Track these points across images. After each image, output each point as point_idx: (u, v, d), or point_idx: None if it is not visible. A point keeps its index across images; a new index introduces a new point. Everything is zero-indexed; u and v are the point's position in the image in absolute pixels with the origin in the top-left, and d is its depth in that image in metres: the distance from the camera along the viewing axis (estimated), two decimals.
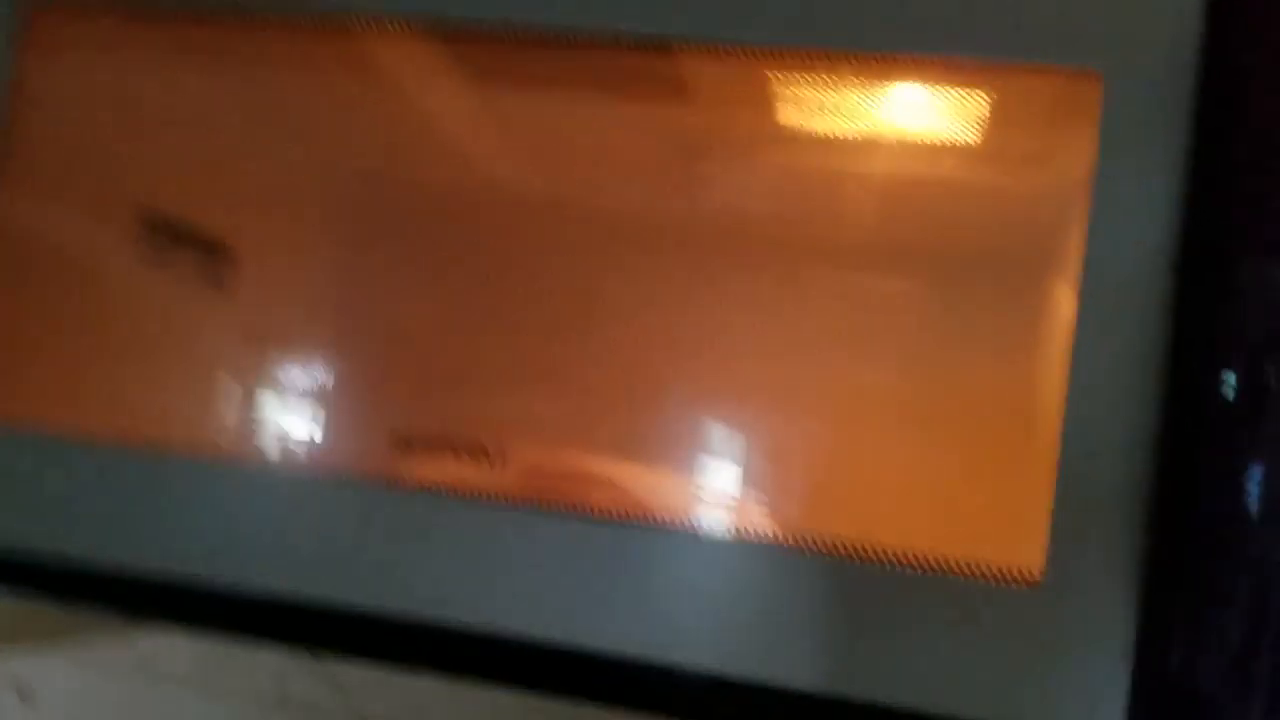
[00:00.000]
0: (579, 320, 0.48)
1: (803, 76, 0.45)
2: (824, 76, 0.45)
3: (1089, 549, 0.38)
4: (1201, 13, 0.39)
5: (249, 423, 0.51)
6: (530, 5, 0.45)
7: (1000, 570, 0.39)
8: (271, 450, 0.50)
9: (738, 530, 0.42)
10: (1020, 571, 0.39)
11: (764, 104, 0.47)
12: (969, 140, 0.46)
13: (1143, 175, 0.39)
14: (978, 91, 0.44)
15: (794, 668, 0.40)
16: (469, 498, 0.44)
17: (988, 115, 0.44)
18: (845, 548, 0.40)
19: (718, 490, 0.45)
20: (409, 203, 0.51)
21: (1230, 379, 0.35)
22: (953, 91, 0.45)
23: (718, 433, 0.46)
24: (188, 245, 0.51)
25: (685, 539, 0.42)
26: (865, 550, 0.40)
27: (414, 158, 0.51)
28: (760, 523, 0.43)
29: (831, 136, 0.47)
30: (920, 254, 0.46)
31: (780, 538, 0.42)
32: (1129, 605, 0.38)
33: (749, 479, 0.45)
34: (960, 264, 0.45)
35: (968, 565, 0.39)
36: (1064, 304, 0.40)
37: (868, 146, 0.47)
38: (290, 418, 0.49)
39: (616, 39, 0.45)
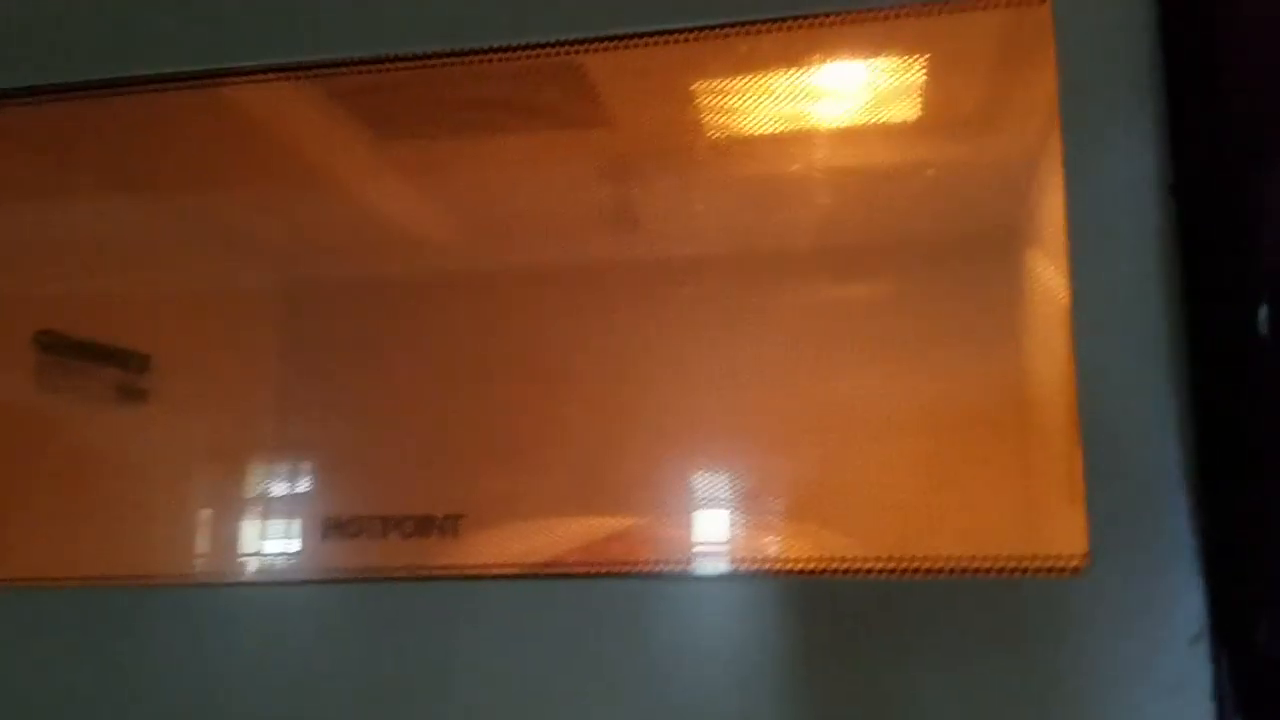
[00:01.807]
0: (531, 379, 0.44)
1: (729, 74, 0.42)
2: (749, 67, 0.42)
3: (1134, 527, 0.34)
4: None
5: (209, 540, 0.46)
6: (429, 34, 0.42)
7: (1043, 563, 0.35)
8: (226, 563, 0.46)
9: (753, 566, 0.38)
10: (1064, 561, 0.35)
11: (692, 112, 0.43)
12: (915, 115, 0.42)
13: (1113, 106, 0.36)
14: (916, 55, 0.40)
15: (835, 698, 0.36)
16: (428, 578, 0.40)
17: (931, 80, 0.41)
18: (878, 567, 0.36)
19: (721, 532, 0.41)
20: (336, 286, 0.47)
21: (1263, 313, 0.31)
22: (889, 60, 0.41)
23: (718, 473, 0.42)
24: (100, 361, 0.47)
25: (695, 584, 0.39)
26: (900, 566, 0.36)
27: (334, 239, 0.47)
28: (746, 555, 0.40)
29: (767, 136, 0.43)
30: (883, 250, 0.42)
31: (800, 567, 0.38)
32: (1193, 581, 0.34)
33: (750, 514, 0.41)
34: (927, 253, 0.41)
35: (1007, 563, 0.35)
36: (1052, 273, 0.36)
37: (806, 142, 0.43)
38: (232, 526, 0.45)
39: (529, 51, 0.41)
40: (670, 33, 0.40)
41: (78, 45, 0.45)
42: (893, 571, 0.37)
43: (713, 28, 0.40)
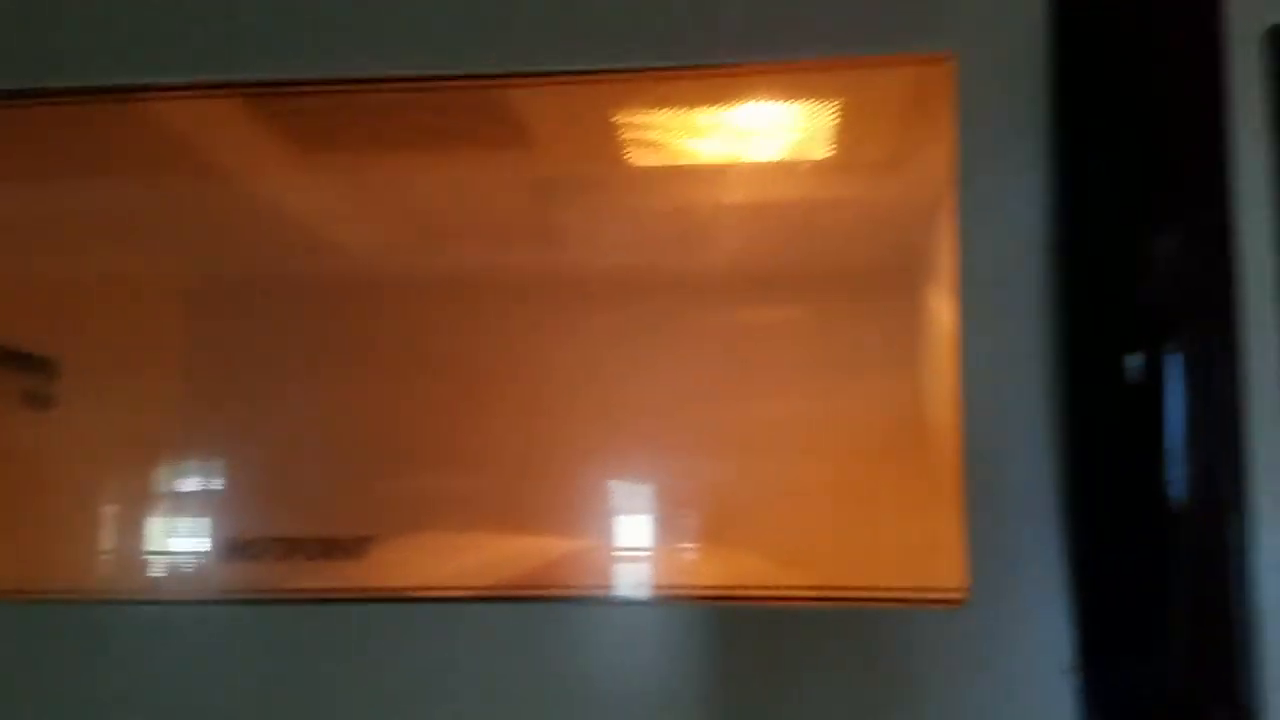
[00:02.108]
0: (449, 398, 0.44)
1: (649, 108, 0.43)
2: (669, 103, 0.43)
3: (1013, 559, 0.36)
4: None
5: (118, 552, 0.46)
6: (355, 60, 0.43)
7: (926, 594, 0.36)
8: (123, 580, 0.45)
9: (638, 591, 0.39)
10: (946, 593, 0.36)
11: (615, 144, 0.44)
12: (826, 154, 0.44)
13: (1007, 160, 0.37)
14: (829, 100, 0.42)
15: None
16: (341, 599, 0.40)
17: (842, 124, 0.42)
18: (755, 594, 0.37)
19: (614, 552, 0.41)
20: (256, 290, 0.47)
21: (1133, 361, 0.33)
22: (804, 105, 0.43)
23: (609, 492, 0.42)
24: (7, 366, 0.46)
25: (587, 607, 0.39)
26: (775, 593, 0.37)
27: (253, 243, 0.47)
28: (659, 580, 0.40)
29: (687, 167, 0.45)
30: (793, 277, 0.43)
31: (682, 592, 0.39)
32: (1063, 611, 0.35)
33: (644, 536, 0.41)
34: (835, 283, 0.42)
35: (887, 592, 0.36)
36: (946, 310, 0.38)
37: (724, 175, 0.45)
38: (131, 542, 0.44)
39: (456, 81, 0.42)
40: (590, 73, 0.42)
41: None
42: (792, 599, 0.38)
43: (633, 70, 0.42)
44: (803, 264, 0.43)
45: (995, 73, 0.38)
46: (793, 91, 0.43)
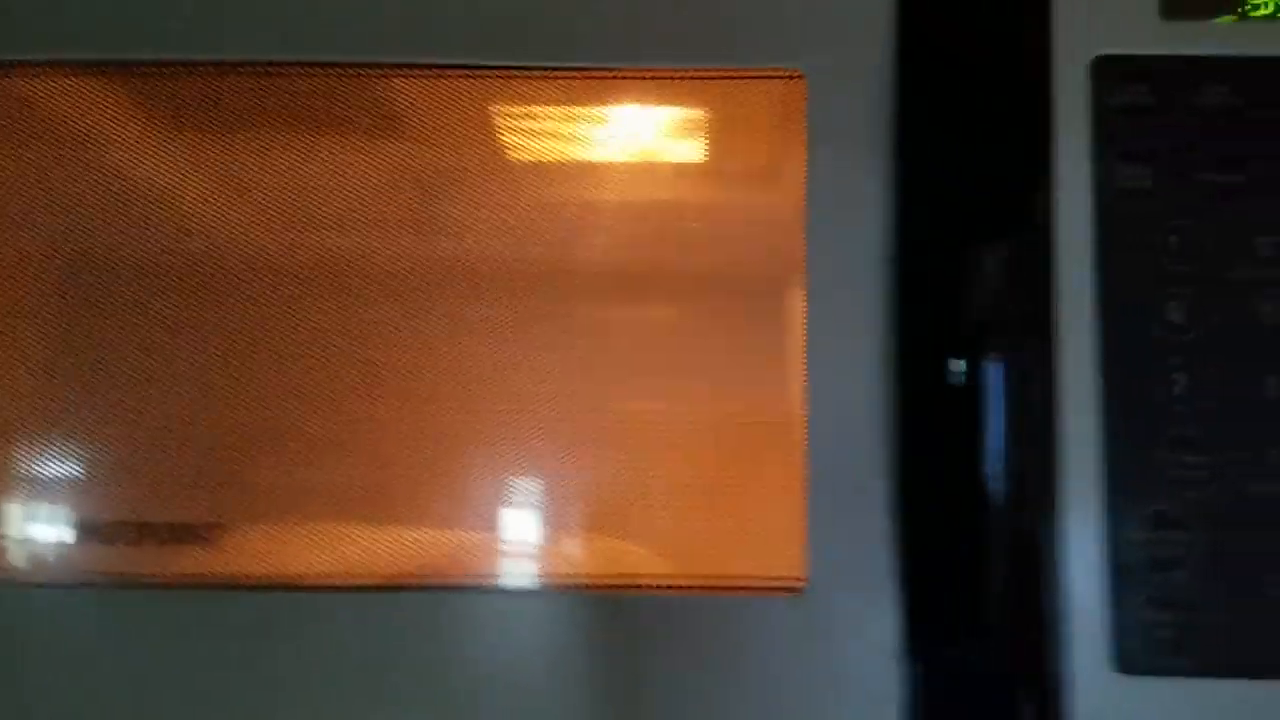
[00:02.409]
0: (318, 386, 0.44)
1: (528, 104, 0.44)
2: (548, 100, 0.44)
3: (847, 550, 0.38)
4: (893, 5, 0.40)
5: None
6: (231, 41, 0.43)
7: (764, 581, 0.38)
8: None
9: (506, 581, 0.40)
10: (783, 581, 0.38)
11: (491, 138, 0.45)
12: (702, 160, 0.46)
13: (853, 174, 0.40)
14: (696, 109, 0.44)
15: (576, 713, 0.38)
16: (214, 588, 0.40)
17: (708, 131, 0.44)
18: (610, 583, 0.39)
19: (480, 543, 0.42)
20: (121, 271, 0.46)
21: (958, 366, 0.36)
22: (681, 110, 0.45)
23: (472, 482, 0.43)
24: None
25: (459, 597, 0.40)
26: (631, 582, 0.39)
27: (119, 224, 0.46)
28: (525, 569, 0.41)
29: (564, 162, 0.46)
30: (664, 276, 0.45)
31: (551, 582, 0.40)
32: (894, 601, 0.37)
33: (507, 526, 0.42)
34: (702, 283, 0.44)
35: (734, 581, 0.38)
36: (798, 313, 0.40)
37: (602, 171, 0.46)
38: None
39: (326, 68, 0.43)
40: (465, 68, 0.43)
41: None
42: (645, 588, 0.39)
43: (507, 69, 0.43)
44: (675, 264, 0.45)
45: (843, 90, 0.40)
46: (668, 97, 0.44)
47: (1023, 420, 0.36)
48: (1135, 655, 0.37)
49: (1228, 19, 0.40)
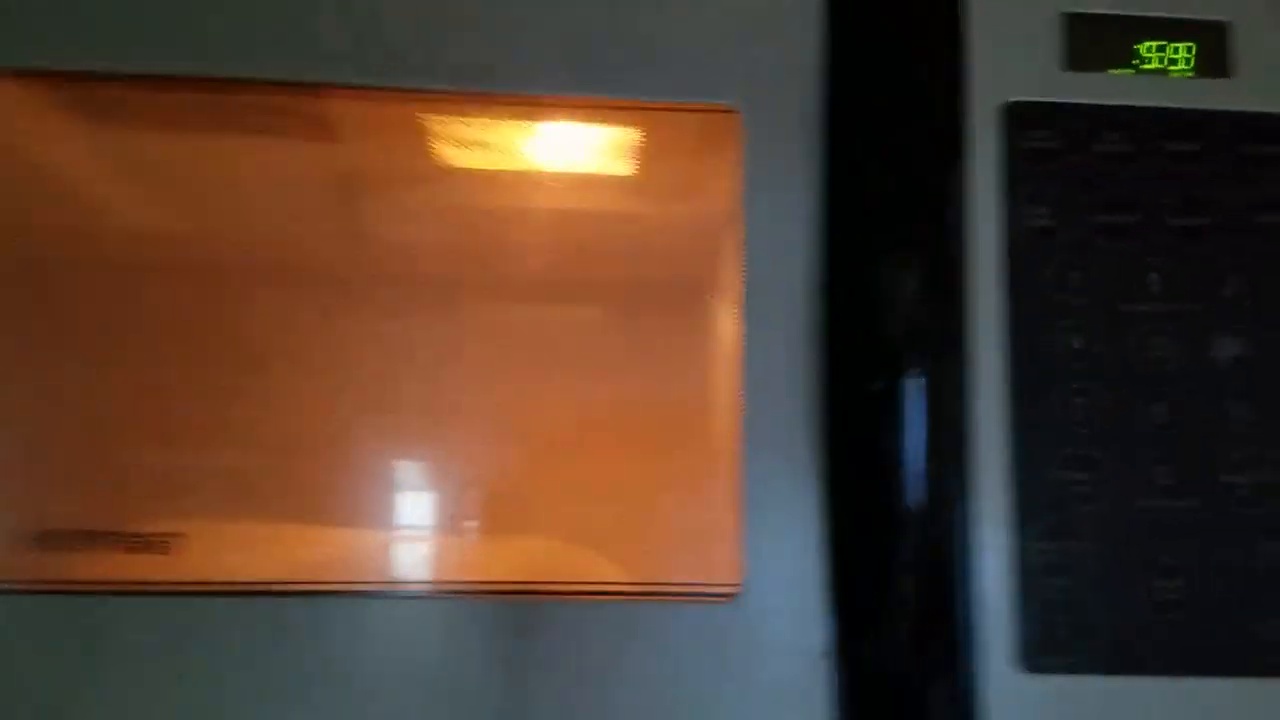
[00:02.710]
0: (244, 381, 0.44)
1: (458, 117, 0.45)
2: (479, 117, 0.46)
3: (778, 555, 0.40)
4: (822, 44, 0.43)
5: None
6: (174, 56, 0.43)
7: (699, 588, 0.40)
8: None
9: (424, 585, 0.41)
10: (719, 586, 0.40)
11: (422, 142, 0.46)
12: (633, 175, 0.47)
13: (785, 198, 0.42)
14: (630, 129, 0.46)
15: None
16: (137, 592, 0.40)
17: (641, 151, 0.46)
18: (536, 588, 0.40)
19: (401, 543, 0.43)
20: (46, 272, 0.46)
21: (876, 383, 0.38)
22: (607, 129, 0.46)
23: (398, 485, 0.44)
24: None
25: (367, 600, 0.41)
26: (558, 587, 0.40)
27: (39, 225, 0.46)
28: (441, 572, 0.42)
29: (496, 172, 0.47)
30: (591, 284, 0.46)
31: (465, 586, 0.41)
32: (820, 604, 0.40)
33: (432, 528, 0.43)
34: (630, 292, 0.46)
35: (665, 587, 0.40)
36: (730, 324, 0.42)
37: (531, 182, 0.48)
38: None
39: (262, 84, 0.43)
40: (398, 90, 0.44)
41: None
42: (577, 594, 0.41)
43: (438, 93, 0.44)
44: (603, 274, 0.47)
45: (775, 122, 0.43)
46: (600, 117, 0.46)
47: (938, 435, 0.39)
48: (1035, 655, 0.40)
49: (1121, 71, 0.44)
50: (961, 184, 0.41)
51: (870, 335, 0.39)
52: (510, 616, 0.40)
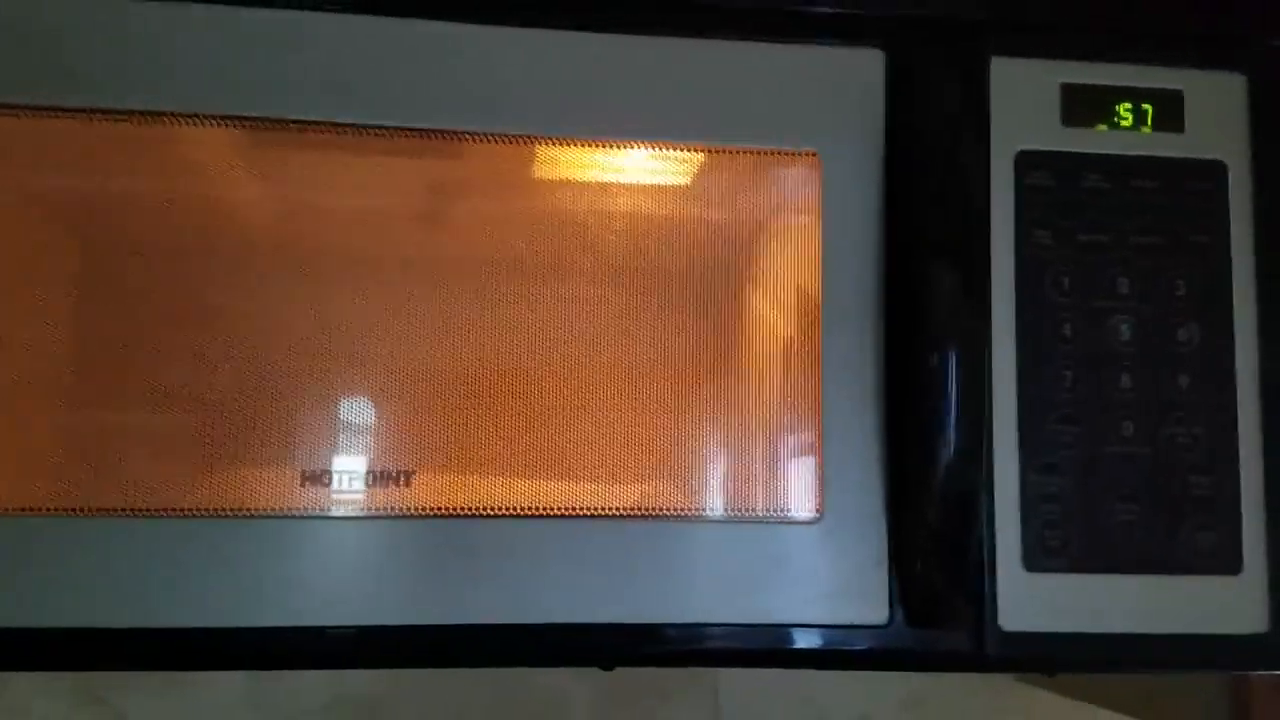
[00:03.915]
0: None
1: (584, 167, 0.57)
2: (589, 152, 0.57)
3: (850, 491, 0.54)
4: (884, 106, 0.57)
5: None
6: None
7: (787, 514, 0.54)
8: None
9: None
10: (803, 511, 0.54)
11: (522, 163, 0.56)
12: (715, 198, 0.59)
13: (857, 222, 0.56)
14: (725, 165, 0.58)
15: None
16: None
17: (733, 180, 0.58)
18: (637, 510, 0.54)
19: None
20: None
21: (931, 355, 0.53)
22: (698, 155, 0.59)
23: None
24: None
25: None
26: (675, 510, 0.54)
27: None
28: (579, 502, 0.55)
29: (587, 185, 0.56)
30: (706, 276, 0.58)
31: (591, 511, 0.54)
32: (885, 529, 0.54)
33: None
34: (737, 290, 0.59)
35: (762, 514, 0.54)
36: (814, 318, 0.56)
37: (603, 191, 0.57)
38: None
39: None
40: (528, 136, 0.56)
41: None
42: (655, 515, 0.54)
43: (558, 136, 0.56)
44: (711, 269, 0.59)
45: (846, 165, 0.57)
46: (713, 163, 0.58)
47: (969, 398, 0.53)
48: (1035, 558, 0.55)
49: (1103, 127, 0.58)
50: (986, 212, 0.55)
51: (921, 324, 0.53)
52: (638, 535, 0.54)
